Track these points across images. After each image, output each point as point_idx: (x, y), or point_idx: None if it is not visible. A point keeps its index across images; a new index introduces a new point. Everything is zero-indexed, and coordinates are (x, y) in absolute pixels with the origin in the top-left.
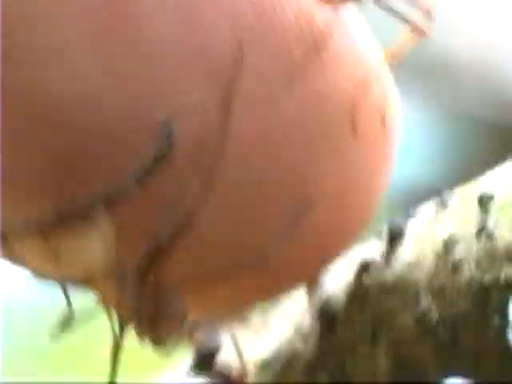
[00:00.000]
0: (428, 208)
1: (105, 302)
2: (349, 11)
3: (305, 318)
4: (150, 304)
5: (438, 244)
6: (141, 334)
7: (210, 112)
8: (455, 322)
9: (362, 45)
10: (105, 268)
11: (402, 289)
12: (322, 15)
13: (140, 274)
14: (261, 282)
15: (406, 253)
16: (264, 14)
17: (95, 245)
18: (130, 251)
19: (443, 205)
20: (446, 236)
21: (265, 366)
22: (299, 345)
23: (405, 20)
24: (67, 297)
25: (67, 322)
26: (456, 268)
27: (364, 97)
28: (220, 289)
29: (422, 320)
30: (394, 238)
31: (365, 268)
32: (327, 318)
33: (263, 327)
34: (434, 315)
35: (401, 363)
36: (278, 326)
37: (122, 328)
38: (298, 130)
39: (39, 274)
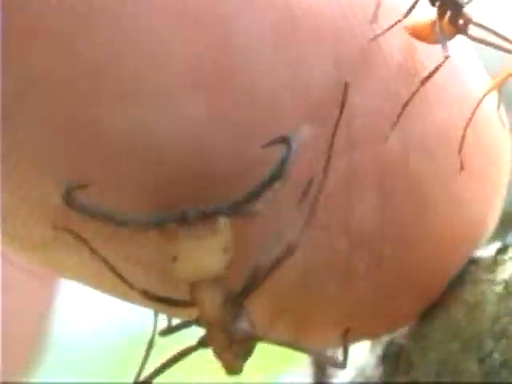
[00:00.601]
0: (489, 250)
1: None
2: (455, 45)
3: (369, 362)
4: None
5: (499, 286)
6: (220, 353)
7: (315, 150)
8: None
9: (470, 78)
10: (216, 276)
11: (464, 332)
12: (425, 50)
13: (241, 296)
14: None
15: (468, 295)
16: (369, 49)
17: (214, 251)
18: (232, 274)
19: (504, 246)
20: (507, 277)
21: None
22: None
23: (504, 49)
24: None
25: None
26: None
27: (472, 132)
28: (327, 315)
29: (484, 362)
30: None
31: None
32: (391, 361)
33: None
34: (497, 357)
35: None
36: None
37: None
38: (403, 166)
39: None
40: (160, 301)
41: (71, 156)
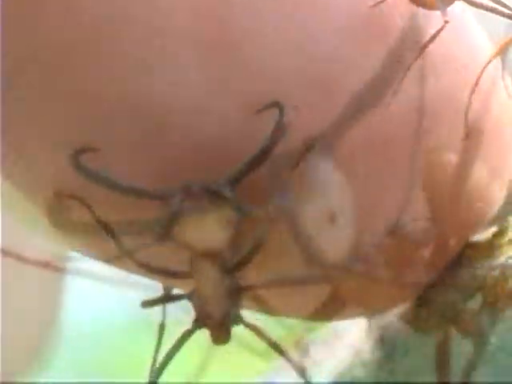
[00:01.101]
0: (485, 233)
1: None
2: (456, 11)
3: (365, 346)
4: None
5: (495, 270)
6: (212, 328)
7: (318, 120)
8: None
9: (474, 44)
10: (218, 249)
11: (461, 315)
12: (427, 16)
13: (236, 268)
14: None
15: (464, 279)
16: (371, 19)
17: (218, 225)
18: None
19: (501, 230)
20: (504, 261)
21: None
22: (359, 372)
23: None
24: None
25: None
26: None
27: (477, 99)
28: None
29: (481, 346)
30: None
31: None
32: (388, 345)
33: (324, 354)
34: (493, 341)
35: None
36: (339, 353)
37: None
38: (405, 132)
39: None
40: (156, 272)
41: (73, 122)
